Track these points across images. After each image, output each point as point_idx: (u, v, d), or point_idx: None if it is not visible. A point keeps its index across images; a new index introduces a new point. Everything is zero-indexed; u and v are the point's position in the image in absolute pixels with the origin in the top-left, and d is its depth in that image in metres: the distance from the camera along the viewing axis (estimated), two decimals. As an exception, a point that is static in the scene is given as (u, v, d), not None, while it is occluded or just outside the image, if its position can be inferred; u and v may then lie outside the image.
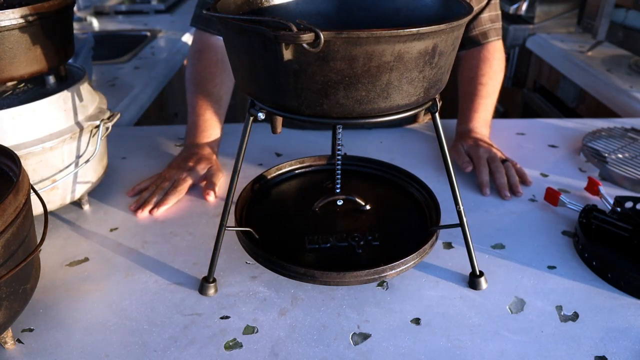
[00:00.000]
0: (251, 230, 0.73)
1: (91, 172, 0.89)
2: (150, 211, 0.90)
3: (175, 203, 0.93)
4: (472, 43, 1.14)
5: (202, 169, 0.98)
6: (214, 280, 0.72)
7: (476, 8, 1.10)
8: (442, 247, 0.81)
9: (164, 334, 0.66)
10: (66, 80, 0.87)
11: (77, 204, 0.92)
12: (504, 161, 0.99)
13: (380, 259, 0.69)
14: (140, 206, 0.91)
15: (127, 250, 0.81)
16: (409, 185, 0.87)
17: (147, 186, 0.96)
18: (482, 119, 1.08)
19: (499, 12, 1.14)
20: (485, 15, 1.11)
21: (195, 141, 1.03)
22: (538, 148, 1.13)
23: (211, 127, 1.05)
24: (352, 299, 0.71)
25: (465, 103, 1.12)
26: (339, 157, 0.79)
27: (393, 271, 0.67)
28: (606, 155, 1.03)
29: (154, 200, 0.92)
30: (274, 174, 0.90)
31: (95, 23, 2.33)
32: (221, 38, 1.05)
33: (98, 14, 2.54)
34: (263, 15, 0.68)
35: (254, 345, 0.64)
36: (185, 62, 2.04)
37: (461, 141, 1.05)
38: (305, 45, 0.48)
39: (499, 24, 1.14)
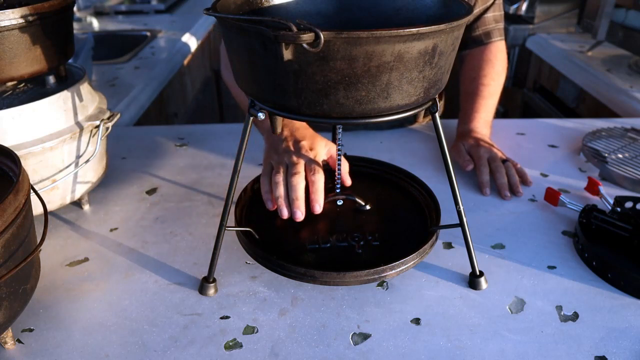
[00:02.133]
0: (251, 230, 0.73)
1: (91, 172, 0.89)
2: (312, 207, 0.75)
3: (176, 204, 0.93)
4: (475, 43, 1.14)
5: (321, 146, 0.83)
6: (214, 280, 0.72)
7: (481, 7, 1.10)
8: (442, 247, 0.81)
9: (164, 334, 0.66)
10: (66, 80, 0.87)
11: (77, 204, 0.92)
12: (504, 161, 0.99)
13: (380, 259, 0.69)
14: (291, 208, 0.75)
15: (127, 250, 0.81)
16: (409, 185, 0.87)
17: (276, 191, 0.77)
18: (483, 119, 1.09)
19: (502, 12, 1.15)
20: (489, 15, 1.12)
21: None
22: (538, 148, 1.13)
23: None
24: (352, 299, 0.71)
25: (466, 103, 1.12)
26: (339, 157, 0.79)
27: (393, 271, 0.68)
28: (606, 155, 1.03)
29: (301, 190, 0.75)
30: (274, 174, 0.90)
31: (95, 23, 2.33)
32: None
33: (98, 14, 2.54)
34: (263, 15, 0.68)
35: (254, 345, 0.64)
36: (185, 62, 2.05)
37: (462, 141, 1.05)
38: (305, 45, 0.48)
39: (502, 24, 1.14)
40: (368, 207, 0.82)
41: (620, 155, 1.03)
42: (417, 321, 0.68)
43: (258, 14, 0.69)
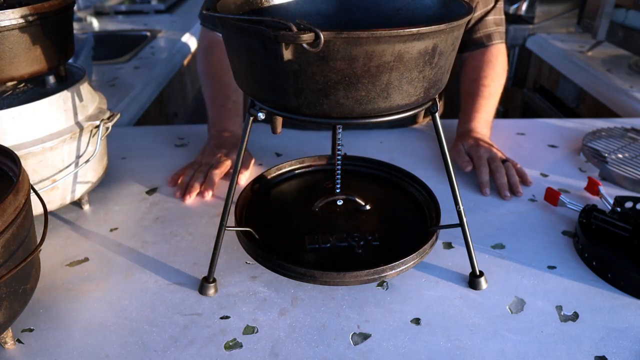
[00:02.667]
0: (251, 230, 0.73)
1: (91, 172, 0.89)
2: (202, 194, 0.93)
3: (176, 204, 0.93)
4: (476, 45, 1.15)
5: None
6: (214, 280, 0.72)
7: (483, 10, 1.12)
8: (442, 247, 0.81)
9: (164, 334, 0.66)
10: (66, 80, 0.87)
11: (77, 204, 0.92)
12: (504, 161, 0.99)
13: (380, 259, 0.69)
14: (185, 191, 0.93)
15: (127, 250, 0.81)
16: (409, 185, 0.87)
17: (184, 174, 0.99)
18: (483, 119, 1.09)
19: (503, 16, 1.16)
20: (490, 18, 1.13)
21: (223, 129, 1.06)
22: (538, 148, 1.13)
23: (235, 115, 1.08)
24: (352, 299, 0.71)
25: (467, 103, 1.12)
26: (339, 157, 0.79)
27: (393, 271, 0.67)
28: (606, 155, 1.03)
29: (197, 184, 0.94)
30: (274, 174, 0.90)
31: (95, 23, 2.33)
32: None
33: (98, 14, 2.54)
34: (263, 15, 0.68)
35: (254, 345, 0.64)
36: (185, 62, 2.05)
37: (462, 141, 1.05)
38: (305, 45, 0.48)
39: (502, 28, 1.16)
40: (368, 207, 0.82)
41: (620, 155, 1.03)
42: (417, 321, 0.68)
43: (258, 14, 0.69)
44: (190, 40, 2.14)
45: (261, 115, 0.62)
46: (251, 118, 0.63)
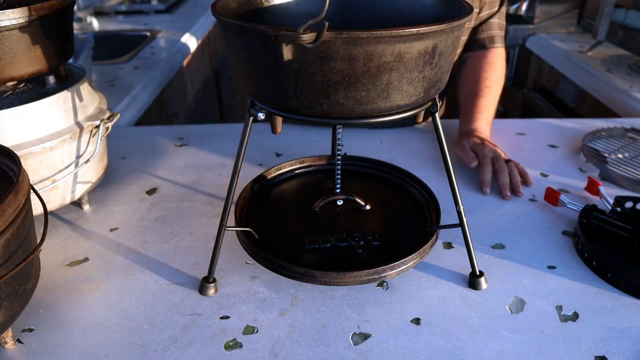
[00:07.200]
0: (251, 230, 0.73)
1: (91, 172, 0.89)
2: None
3: (176, 204, 0.93)
4: (478, 46, 1.17)
5: None
6: (214, 280, 0.72)
7: (489, 11, 1.14)
8: (442, 247, 0.81)
9: (164, 334, 0.66)
10: (66, 80, 0.87)
11: (77, 204, 0.92)
12: (507, 161, 0.99)
13: (380, 259, 0.69)
14: None
15: (127, 250, 0.81)
16: (409, 185, 0.87)
17: None
18: (485, 119, 1.09)
19: (505, 22, 1.19)
20: (495, 20, 1.16)
21: None
22: (538, 148, 1.13)
23: None
24: (352, 299, 0.71)
25: (469, 103, 1.13)
26: (339, 157, 0.79)
27: (393, 271, 0.68)
28: (606, 155, 1.03)
29: None
30: (274, 174, 0.90)
31: (95, 23, 2.33)
32: None
33: (98, 14, 2.54)
34: (263, 15, 0.68)
35: (254, 345, 0.64)
36: (185, 62, 2.05)
37: (466, 138, 1.05)
38: (305, 44, 0.48)
39: (503, 33, 1.19)
40: (368, 207, 0.82)
41: (620, 155, 1.03)
42: (417, 321, 0.68)
43: (258, 13, 0.69)
44: (190, 40, 2.14)
45: (261, 115, 0.62)
46: (251, 118, 0.64)
